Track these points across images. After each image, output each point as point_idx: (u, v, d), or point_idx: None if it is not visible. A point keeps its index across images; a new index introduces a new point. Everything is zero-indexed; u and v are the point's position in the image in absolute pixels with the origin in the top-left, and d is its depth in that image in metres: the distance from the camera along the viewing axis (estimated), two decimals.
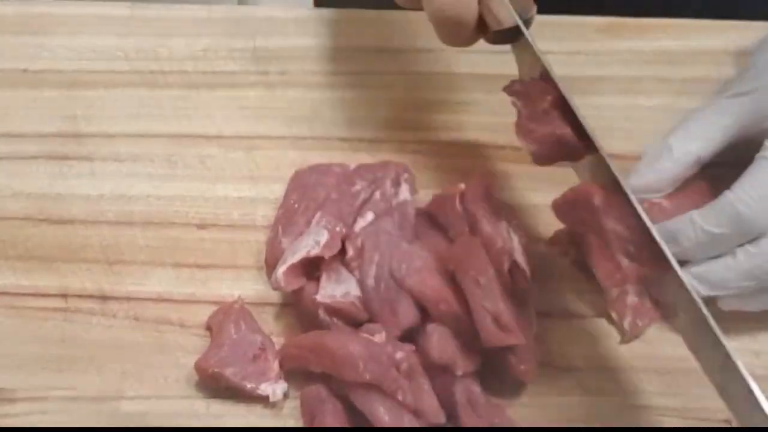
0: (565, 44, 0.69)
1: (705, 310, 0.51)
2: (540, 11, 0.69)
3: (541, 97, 0.57)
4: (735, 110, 0.60)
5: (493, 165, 0.66)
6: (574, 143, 0.56)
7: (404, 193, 0.63)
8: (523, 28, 0.58)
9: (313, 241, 0.59)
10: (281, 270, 0.59)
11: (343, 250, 0.60)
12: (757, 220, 0.56)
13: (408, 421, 0.55)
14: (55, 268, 0.63)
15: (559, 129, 0.56)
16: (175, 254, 0.63)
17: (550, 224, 0.64)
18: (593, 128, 0.55)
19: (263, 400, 0.58)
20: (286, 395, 0.59)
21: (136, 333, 0.61)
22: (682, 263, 0.57)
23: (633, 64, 0.69)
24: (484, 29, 0.58)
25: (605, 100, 0.68)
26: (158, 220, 0.65)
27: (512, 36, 0.58)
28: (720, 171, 0.60)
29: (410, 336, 0.58)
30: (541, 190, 0.65)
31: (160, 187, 0.66)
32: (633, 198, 0.53)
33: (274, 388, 0.58)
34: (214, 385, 0.59)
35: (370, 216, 0.62)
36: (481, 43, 0.60)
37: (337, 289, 0.59)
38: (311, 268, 0.59)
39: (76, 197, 0.65)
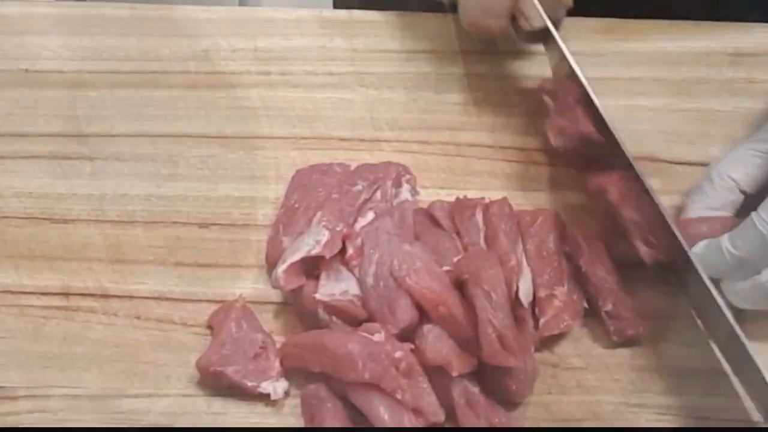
0: (565, 44, 0.69)
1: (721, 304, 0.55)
2: None
3: (568, 95, 0.62)
4: None
5: (494, 166, 0.66)
6: (596, 139, 0.60)
7: (405, 193, 0.63)
8: (552, 30, 0.62)
9: (314, 241, 0.59)
10: (281, 269, 0.59)
11: (342, 249, 0.60)
12: None
13: (407, 420, 0.55)
14: (57, 267, 0.63)
15: (584, 126, 0.61)
16: (176, 253, 0.64)
17: None
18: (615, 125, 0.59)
19: (264, 398, 0.58)
20: (287, 393, 0.59)
21: (138, 331, 0.61)
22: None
23: (633, 65, 0.69)
24: (516, 26, 0.63)
25: (605, 100, 0.67)
26: (160, 219, 0.65)
27: (542, 36, 0.63)
28: None
29: (409, 335, 0.58)
30: (543, 191, 0.65)
31: (161, 187, 0.66)
32: (650, 187, 0.57)
33: (275, 386, 0.58)
34: (215, 383, 0.59)
35: (370, 215, 0.62)
36: (478, 45, 0.61)
37: (336, 288, 0.59)
38: (311, 266, 0.60)
39: (78, 197, 0.66)
